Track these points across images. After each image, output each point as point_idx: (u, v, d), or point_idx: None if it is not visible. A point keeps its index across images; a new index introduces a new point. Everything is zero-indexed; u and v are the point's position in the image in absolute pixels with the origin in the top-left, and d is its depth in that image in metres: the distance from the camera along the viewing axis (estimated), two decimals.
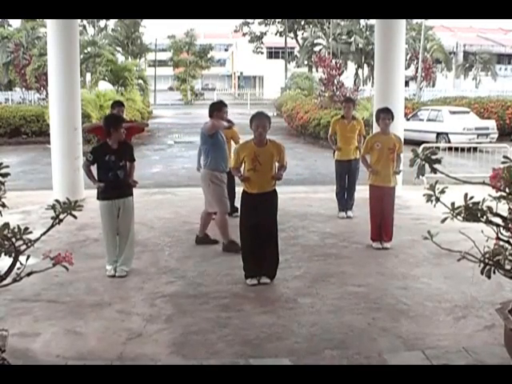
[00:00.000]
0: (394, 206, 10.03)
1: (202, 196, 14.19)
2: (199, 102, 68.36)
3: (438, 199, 4.90)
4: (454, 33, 77.03)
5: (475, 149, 19.73)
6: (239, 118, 11.89)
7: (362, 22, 66.49)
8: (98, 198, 8.49)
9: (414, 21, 59.24)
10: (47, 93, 21.98)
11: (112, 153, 8.29)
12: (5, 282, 4.75)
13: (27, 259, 4.70)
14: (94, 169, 8.43)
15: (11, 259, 4.62)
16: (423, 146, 5.84)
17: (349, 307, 7.20)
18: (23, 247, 4.61)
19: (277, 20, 76.59)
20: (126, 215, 8.48)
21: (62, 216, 4.71)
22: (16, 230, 4.55)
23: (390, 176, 9.76)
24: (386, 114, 9.80)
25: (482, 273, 5.02)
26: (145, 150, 25.94)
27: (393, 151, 9.73)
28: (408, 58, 48.91)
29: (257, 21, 78.69)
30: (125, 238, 8.52)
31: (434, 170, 4.75)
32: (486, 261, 4.97)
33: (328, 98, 31.71)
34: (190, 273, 8.63)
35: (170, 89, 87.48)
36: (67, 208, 4.69)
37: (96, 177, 8.40)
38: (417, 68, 49.22)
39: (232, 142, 11.37)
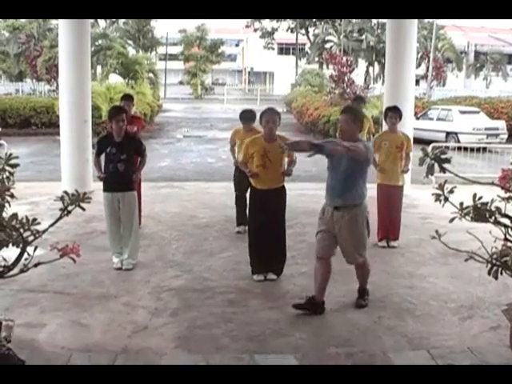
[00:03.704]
0: (401, 205, 9.99)
1: (209, 190, 14.30)
2: (209, 97, 68.48)
3: (446, 199, 4.89)
4: (465, 32, 76.73)
5: (484, 149, 19.64)
6: None
7: (374, 20, 66.36)
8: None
9: (426, 20, 59.04)
10: (57, 84, 21.98)
11: (114, 145, 8.32)
12: (12, 273, 4.76)
13: (35, 250, 4.71)
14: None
15: (19, 250, 4.63)
16: (432, 145, 5.83)
17: (353, 305, 7.19)
18: (31, 238, 4.62)
19: None
20: (125, 209, 8.47)
21: (70, 208, 4.72)
22: (24, 220, 4.56)
23: (397, 175, 9.72)
24: (393, 113, 9.75)
25: (488, 273, 5.01)
26: (153, 143, 25.93)
27: (401, 150, 9.69)
28: (419, 56, 48.68)
29: None
30: (128, 231, 8.52)
31: (444, 170, 4.74)
32: (494, 261, 4.96)
33: (338, 95, 31.67)
34: (196, 267, 8.64)
35: (181, 83, 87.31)
36: (76, 200, 4.69)
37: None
38: (427, 67, 49.04)
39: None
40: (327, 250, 6.99)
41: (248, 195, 8.54)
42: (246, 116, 10.24)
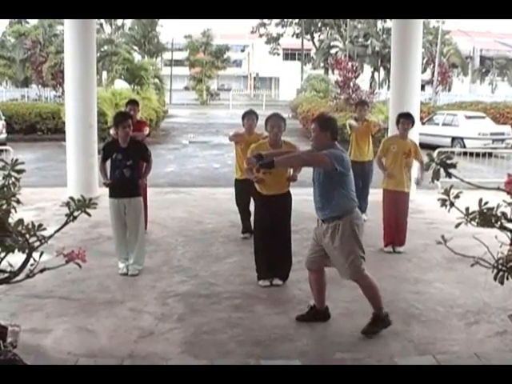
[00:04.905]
0: (407, 211, 9.97)
1: (215, 196, 14.31)
2: (215, 103, 68.57)
3: (452, 204, 4.87)
4: (470, 37, 76.66)
5: (490, 154, 19.63)
6: None
7: (379, 25, 66.42)
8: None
9: (431, 25, 59.09)
10: (63, 90, 22.05)
11: (119, 151, 8.34)
12: (18, 278, 4.76)
13: (40, 256, 4.71)
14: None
15: (25, 255, 4.63)
16: (438, 150, 5.81)
17: (361, 310, 7.14)
18: (37, 244, 4.62)
19: (293, 21, 76.61)
20: (131, 214, 8.48)
21: (76, 213, 4.72)
22: (30, 226, 4.56)
23: (403, 181, 9.71)
24: (405, 119, 9.74)
25: (495, 279, 4.98)
26: (159, 149, 25.95)
27: (408, 156, 9.68)
28: (424, 61, 48.64)
29: (273, 22, 78.69)
30: (134, 236, 8.53)
31: (449, 175, 4.73)
32: (500, 267, 4.94)
33: (344, 100, 31.69)
34: (202, 272, 8.65)
35: (186, 88, 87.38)
36: (81, 205, 4.69)
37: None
38: (433, 72, 49.00)
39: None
40: (313, 261, 6.82)
41: (253, 204, 8.56)
42: (248, 112, 10.36)
